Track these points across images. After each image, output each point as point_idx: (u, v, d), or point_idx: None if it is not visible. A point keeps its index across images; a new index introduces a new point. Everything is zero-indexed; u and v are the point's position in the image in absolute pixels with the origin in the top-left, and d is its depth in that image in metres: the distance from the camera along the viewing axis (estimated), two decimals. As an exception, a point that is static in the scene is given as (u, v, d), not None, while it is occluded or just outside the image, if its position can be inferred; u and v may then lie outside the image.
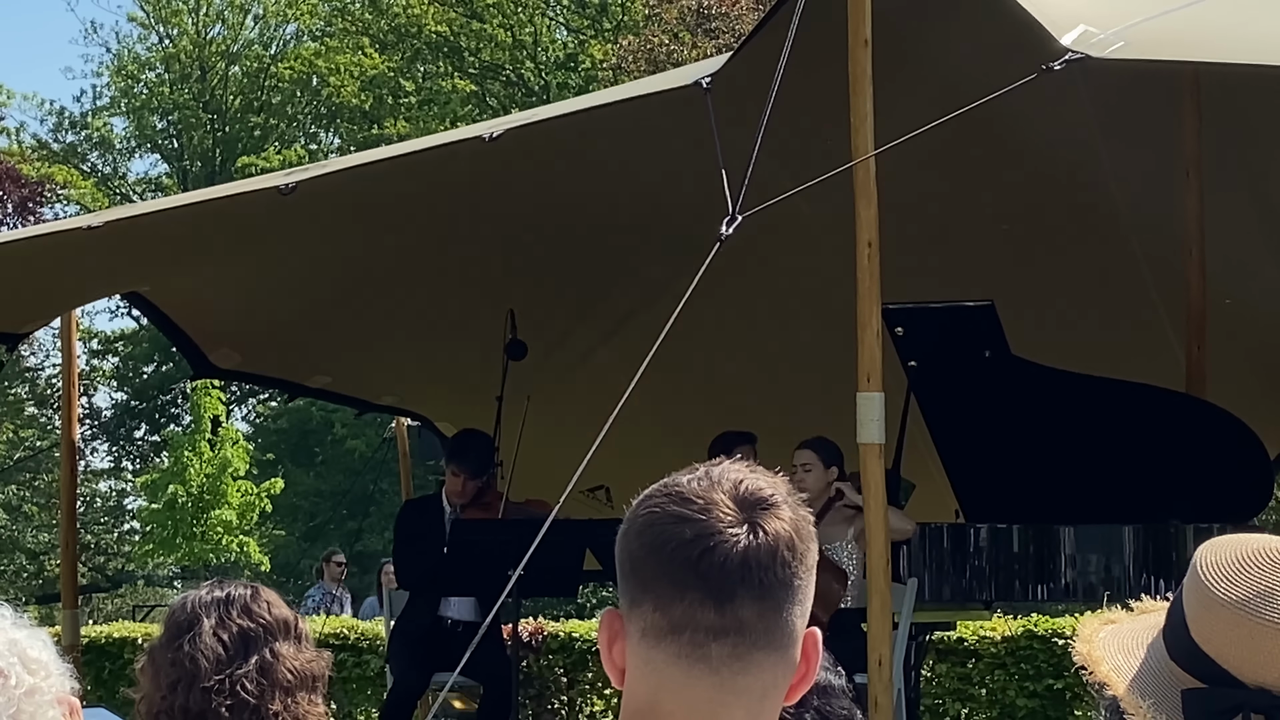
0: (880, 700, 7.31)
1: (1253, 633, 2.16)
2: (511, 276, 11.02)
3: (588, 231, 10.75)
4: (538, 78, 39.64)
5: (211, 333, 11.07)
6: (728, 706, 1.94)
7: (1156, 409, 9.59)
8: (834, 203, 8.12)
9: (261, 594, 3.26)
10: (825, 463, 9.33)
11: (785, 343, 11.92)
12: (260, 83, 45.29)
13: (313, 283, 10.66)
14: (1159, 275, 11.00)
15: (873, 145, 7.25)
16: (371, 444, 30.24)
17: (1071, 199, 10.86)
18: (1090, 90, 9.59)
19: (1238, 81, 8.77)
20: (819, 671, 2.95)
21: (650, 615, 1.94)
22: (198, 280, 10.44)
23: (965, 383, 9.68)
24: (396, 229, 10.14)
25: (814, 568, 2.00)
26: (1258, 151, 9.97)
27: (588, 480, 9.16)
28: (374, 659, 15.17)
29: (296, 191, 8.32)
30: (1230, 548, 2.24)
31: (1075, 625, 2.35)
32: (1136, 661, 2.30)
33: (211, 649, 3.15)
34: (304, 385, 12.41)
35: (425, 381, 12.23)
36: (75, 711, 3.14)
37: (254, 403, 43.97)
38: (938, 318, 9.62)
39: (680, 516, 1.95)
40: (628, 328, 11.34)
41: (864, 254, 7.29)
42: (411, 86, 41.36)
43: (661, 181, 10.17)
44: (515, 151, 8.70)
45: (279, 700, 3.14)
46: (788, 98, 7.29)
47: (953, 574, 9.48)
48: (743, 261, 9.67)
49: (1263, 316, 11.42)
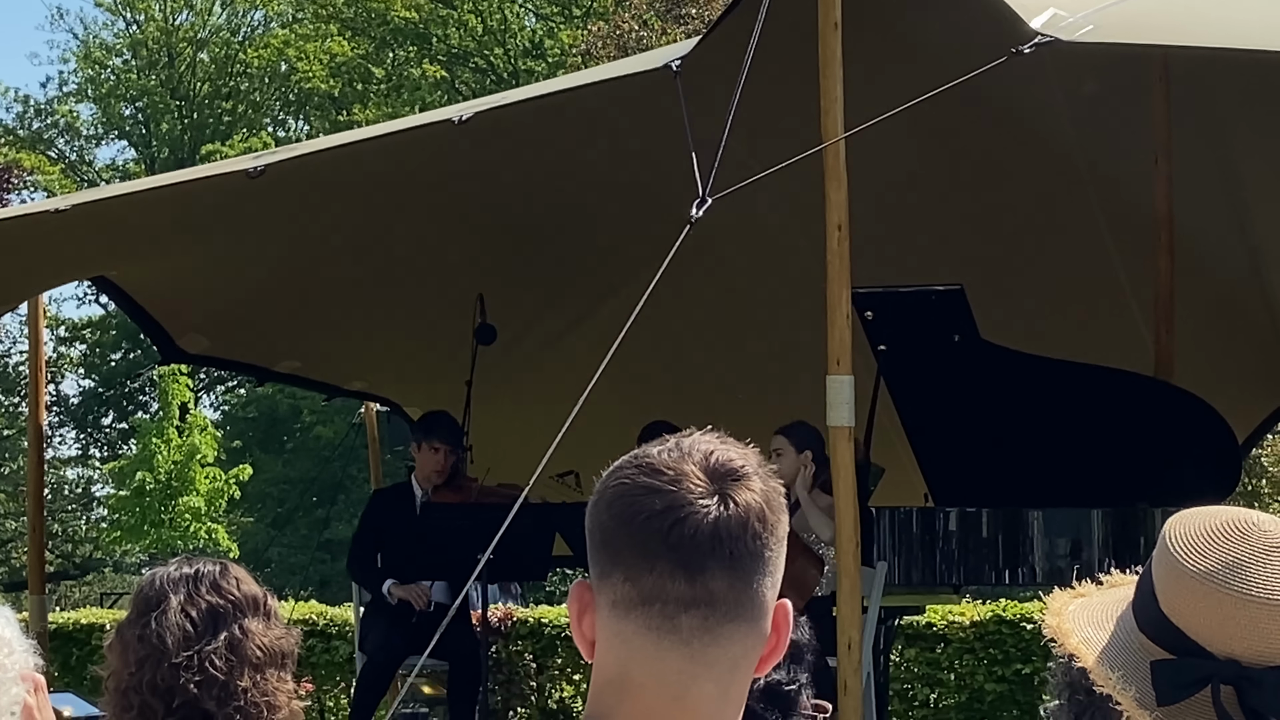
0: (849, 683, 7.32)
1: (1221, 604, 2.16)
2: (481, 261, 11.01)
3: (558, 215, 10.75)
4: (507, 64, 39.61)
5: (179, 317, 11.03)
6: (698, 678, 1.93)
7: (1125, 393, 9.61)
8: (804, 186, 8.13)
9: (230, 570, 3.24)
10: (797, 448, 9.32)
11: (755, 327, 11.92)
12: (228, 69, 45.14)
13: (281, 267, 10.63)
14: (1128, 260, 11.03)
15: (842, 128, 7.25)
16: (340, 431, 30.21)
17: (1041, 183, 10.89)
18: (1060, 74, 9.60)
19: (1207, 65, 8.79)
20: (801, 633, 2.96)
21: (620, 587, 1.94)
22: (166, 264, 10.40)
23: (934, 367, 9.68)
24: (366, 213, 10.11)
25: (785, 539, 1.99)
26: (1227, 135, 9.99)
27: (557, 465, 9.14)
28: (343, 645, 15.16)
29: (265, 175, 8.29)
30: (1199, 520, 2.24)
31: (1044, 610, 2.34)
32: (1106, 634, 2.30)
33: (180, 626, 3.13)
34: (272, 370, 12.37)
35: (394, 366, 12.21)
36: (40, 688, 3.12)
37: (222, 390, 43.86)
38: (907, 301, 9.63)
39: (650, 488, 1.94)
40: (598, 311, 11.34)
41: (834, 237, 7.30)
42: (381, 73, 41.29)
43: (632, 165, 10.17)
44: (485, 135, 8.69)
45: (248, 677, 3.13)
46: (758, 81, 7.30)
47: (922, 558, 9.48)
48: (712, 245, 9.67)
49: (1230, 301, 11.47)
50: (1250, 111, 9.45)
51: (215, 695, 3.11)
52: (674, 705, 1.93)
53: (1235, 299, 11.52)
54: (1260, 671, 2.15)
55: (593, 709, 1.97)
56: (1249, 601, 2.15)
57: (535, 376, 11.70)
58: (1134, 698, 2.20)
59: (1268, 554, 2.17)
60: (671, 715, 1.93)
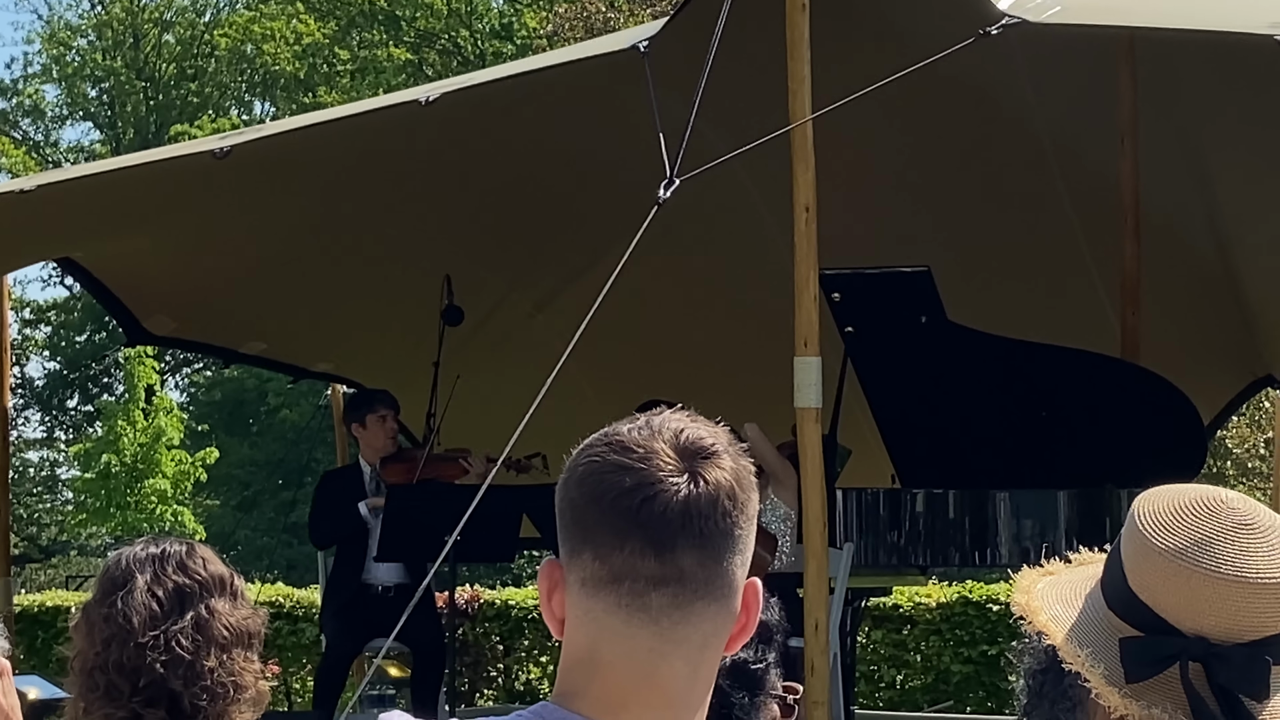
0: (816, 664, 7.33)
1: (1190, 580, 2.16)
2: (448, 242, 10.99)
3: (525, 196, 10.73)
4: (474, 46, 39.53)
5: (145, 298, 10.99)
6: (667, 656, 1.93)
7: (1091, 374, 9.64)
8: (771, 167, 8.13)
9: (197, 550, 3.22)
10: None
11: (723, 308, 11.92)
12: (194, 50, 44.98)
13: (248, 248, 10.60)
14: (1094, 241, 11.06)
15: (810, 109, 7.25)
16: (306, 414, 30.16)
17: (1008, 165, 10.90)
18: (1027, 56, 9.61)
19: (1172, 47, 8.81)
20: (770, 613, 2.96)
21: (590, 564, 1.93)
22: (132, 245, 10.36)
23: (901, 348, 9.69)
24: (332, 194, 10.09)
25: (755, 517, 1.99)
26: (1192, 117, 10.01)
27: (525, 447, 9.14)
28: (309, 627, 15.15)
29: (231, 156, 8.27)
30: (1167, 497, 2.25)
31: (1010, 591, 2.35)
32: (1074, 612, 2.30)
33: (146, 605, 3.12)
34: (239, 351, 12.36)
35: (361, 348, 12.19)
36: (4, 673, 3.11)
37: (188, 372, 43.75)
38: (874, 283, 9.64)
39: (620, 465, 1.93)
40: (565, 293, 11.33)
41: (801, 218, 7.30)
42: (347, 55, 41.16)
43: (599, 146, 10.16)
44: (452, 116, 8.67)
45: (214, 656, 3.11)
46: (725, 62, 7.29)
47: (888, 539, 9.51)
48: (680, 226, 9.66)
49: (1196, 282, 11.51)
50: (1215, 93, 9.47)
51: (182, 675, 3.10)
52: (644, 683, 1.93)
53: (1201, 280, 11.56)
54: (1228, 648, 2.16)
55: (562, 687, 1.97)
56: (1218, 579, 2.15)
57: (502, 358, 11.69)
58: (1102, 675, 2.20)
59: (1236, 531, 2.17)
60: (641, 693, 1.93)
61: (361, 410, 10.57)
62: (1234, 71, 8.78)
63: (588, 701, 1.93)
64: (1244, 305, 11.89)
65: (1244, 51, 7.93)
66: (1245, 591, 2.15)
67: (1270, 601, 2.15)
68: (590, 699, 1.94)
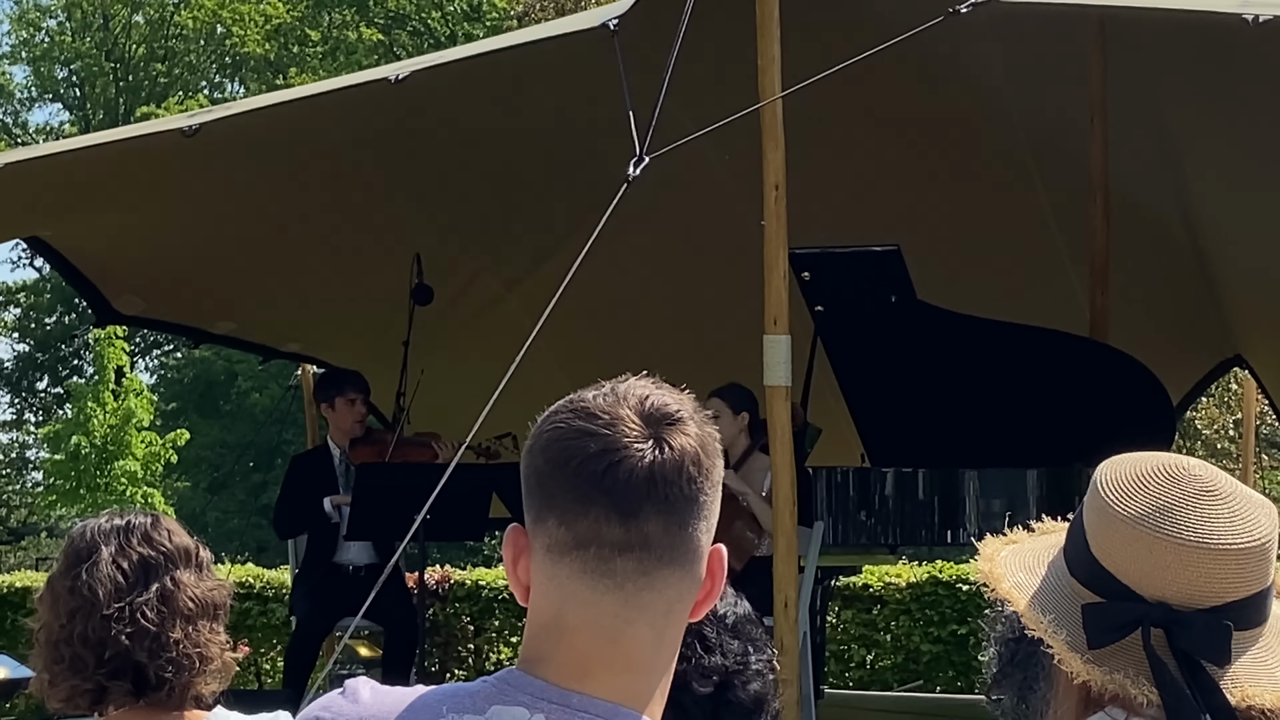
0: (786, 642, 7.33)
1: (1151, 547, 2.17)
2: (418, 220, 10.97)
3: (495, 175, 10.72)
4: (444, 27, 39.46)
5: (114, 278, 10.95)
6: (632, 622, 1.93)
7: (1061, 354, 9.66)
8: (742, 145, 8.12)
9: (162, 522, 3.22)
10: (734, 409, 9.31)
11: (693, 286, 11.92)
12: (163, 31, 44.82)
13: (217, 227, 10.56)
14: (1064, 221, 11.08)
15: (779, 88, 7.25)
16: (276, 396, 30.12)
17: (977, 145, 10.92)
18: (997, 36, 9.62)
19: (1142, 26, 8.82)
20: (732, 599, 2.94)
21: (555, 530, 1.93)
22: (101, 225, 10.32)
23: (871, 327, 9.71)
24: (302, 172, 10.06)
25: (720, 484, 1.99)
26: (1162, 97, 10.03)
27: (495, 427, 9.13)
28: (279, 607, 15.12)
29: (200, 134, 8.23)
30: (1129, 465, 2.26)
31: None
32: (1038, 579, 2.31)
33: (111, 577, 3.11)
34: (208, 331, 12.30)
35: (331, 327, 12.15)
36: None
37: (158, 354, 43.65)
38: (844, 262, 9.65)
39: (585, 431, 1.93)
40: (535, 272, 11.32)
41: (771, 197, 7.30)
42: (317, 36, 41.06)
43: (569, 124, 10.15)
44: (422, 94, 8.65)
45: (180, 628, 3.11)
46: (695, 40, 7.29)
47: (858, 518, 9.53)
48: (650, 204, 9.66)
49: (1165, 262, 11.54)
50: (1185, 73, 9.48)
51: (147, 647, 3.10)
52: (609, 648, 1.93)
53: (1170, 260, 11.59)
54: (1190, 614, 2.17)
55: (527, 653, 1.97)
56: (1179, 545, 2.16)
57: (472, 337, 11.68)
58: (1065, 641, 2.21)
59: (1198, 497, 2.19)
60: (606, 658, 1.93)
61: (330, 391, 10.56)
62: (1204, 51, 8.79)
63: (553, 667, 1.94)
64: (1213, 285, 11.93)
65: (1213, 31, 7.94)
66: (1206, 557, 2.16)
67: (1231, 567, 2.17)
68: (556, 665, 1.94)
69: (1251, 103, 9.09)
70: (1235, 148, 9.84)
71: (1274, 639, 2.24)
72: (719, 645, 2.84)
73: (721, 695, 2.84)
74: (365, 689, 2.00)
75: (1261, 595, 2.21)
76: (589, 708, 1.91)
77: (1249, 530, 2.18)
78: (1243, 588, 2.18)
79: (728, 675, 2.85)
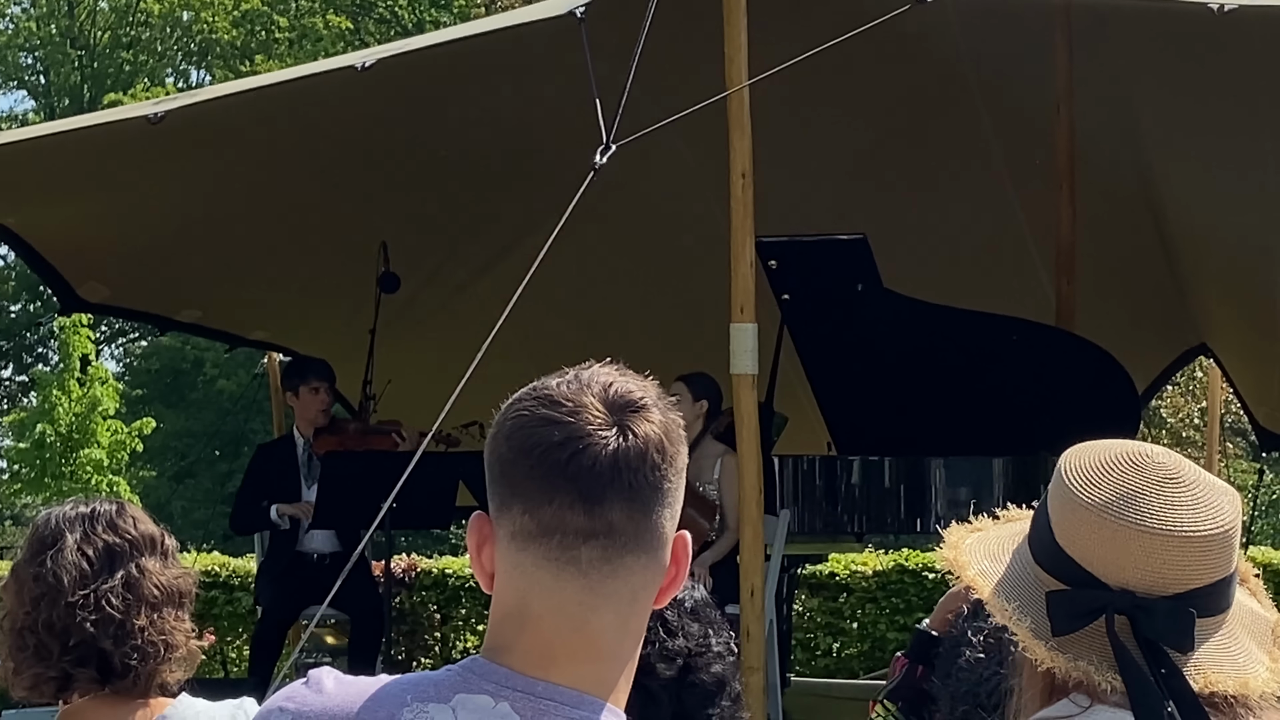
0: (752, 630, 7.35)
1: (1115, 534, 2.18)
2: (385, 208, 10.94)
3: (462, 162, 10.69)
4: (412, 14, 39.37)
5: (79, 266, 10.89)
6: (597, 609, 1.93)
7: (1027, 342, 9.69)
8: (708, 134, 8.12)
9: (127, 510, 3.22)
10: (694, 396, 9.30)
11: (660, 276, 11.92)
12: (129, 18, 44.61)
13: (183, 214, 10.51)
14: (1030, 210, 11.10)
15: (746, 76, 7.25)
16: (242, 384, 30.04)
17: (944, 133, 10.93)
18: (963, 24, 9.63)
19: (1108, 14, 8.83)
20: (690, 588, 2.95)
21: (519, 518, 1.93)
22: (65, 212, 10.27)
23: (838, 316, 9.72)
24: (268, 159, 10.03)
25: (684, 470, 1.99)
26: (1127, 85, 10.05)
27: (461, 416, 9.12)
28: (245, 596, 15.09)
29: (166, 121, 8.21)
30: (1094, 452, 2.26)
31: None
32: (1002, 566, 2.32)
33: (76, 564, 3.11)
34: (174, 319, 12.26)
35: (297, 315, 12.12)
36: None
37: (123, 342, 43.51)
38: (811, 251, 9.66)
39: (549, 419, 1.93)
40: (502, 260, 11.30)
41: (738, 185, 7.31)
42: (284, 23, 40.93)
43: (536, 111, 10.13)
44: (388, 82, 8.63)
45: (144, 615, 3.10)
46: (662, 28, 7.28)
47: (824, 506, 9.55)
48: (617, 193, 9.66)
49: (1131, 250, 11.57)
50: (1151, 61, 9.50)
51: (112, 634, 3.09)
52: (573, 636, 1.93)
53: (1136, 249, 11.62)
54: (1153, 601, 2.17)
55: (492, 641, 1.97)
56: (1143, 532, 2.17)
57: (439, 325, 11.66)
58: (1029, 629, 2.22)
59: (1162, 485, 2.19)
60: (571, 646, 1.93)
61: (294, 380, 10.55)
62: (1169, 39, 8.82)
63: (517, 655, 1.94)
64: (1178, 274, 11.96)
65: (1179, 19, 7.97)
66: (1169, 544, 2.17)
67: (1194, 554, 2.17)
68: (520, 652, 1.94)
69: (1216, 90, 9.11)
70: (1201, 135, 9.87)
71: (1236, 626, 2.25)
72: (681, 628, 2.86)
73: (684, 678, 2.85)
74: (329, 679, 1.99)
75: (1225, 582, 2.22)
76: (554, 695, 1.92)
77: (1213, 518, 2.19)
78: (1206, 575, 2.19)
79: (690, 657, 2.86)
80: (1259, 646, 2.26)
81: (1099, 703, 2.20)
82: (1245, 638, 2.25)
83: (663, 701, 2.78)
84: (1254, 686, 2.21)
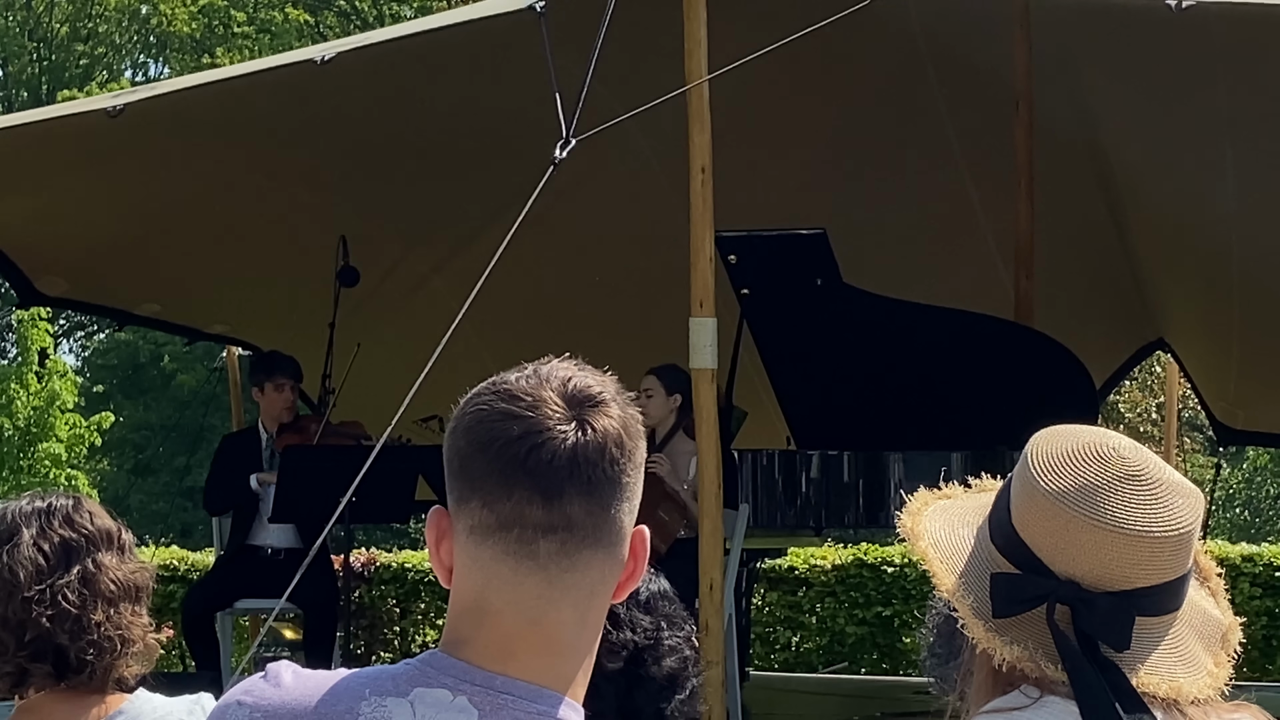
0: (711, 625, 7.35)
1: (1068, 524, 2.18)
2: (344, 202, 10.92)
3: (422, 157, 10.68)
4: (373, 8, 39.28)
5: (37, 259, 10.86)
6: (555, 604, 1.93)
7: (985, 337, 9.71)
8: (667, 128, 8.13)
9: (84, 504, 3.20)
10: (667, 389, 9.29)
11: (619, 269, 11.92)
12: (87, 10, 44.43)
13: (142, 208, 10.49)
14: (989, 205, 11.13)
15: (706, 70, 7.26)
16: (201, 378, 29.93)
17: (903, 129, 10.95)
18: (922, 21, 9.65)
19: (1067, 11, 8.86)
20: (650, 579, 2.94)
21: (478, 512, 1.93)
22: (23, 205, 10.23)
23: (797, 310, 9.73)
24: (227, 153, 10.00)
25: (642, 465, 1.99)
26: (1086, 82, 10.08)
27: (420, 410, 9.11)
28: (204, 591, 15.05)
29: (125, 114, 8.19)
30: (1062, 439, 2.26)
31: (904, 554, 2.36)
32: (959, 540, 2.32)
33: (32, 559, 3.09)
34: (132, 313, 12.23)
35: (256, 309, 12.09)
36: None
37: (82, 335, 43.34)
38: (770, 245, 9.68)
39: (508, 413, 1.93)
40: (462, 254, 11.29)
41: (697, 179, 7.31)
42: (243, 17, 40.79)
43: (495, 106, 10.12)
44: (348, 76, 8.62)
45: (101, 610, 3.09)
46: (622, 22, 7.28)
47: (783, 501, 9.56)
48: (577, 187, 9.66)
49: (1089, 245, 11.61)
50: (1109, 57, 9.54)
51: (68, 629, 3.08)
52: (531, 630, 1.93)
53: (1094, 244, 11.66)
54: (1097, 595, 2.17)
55: (450, 635, 1.97)
56: (1096, 526, 2.17)
57: (399, 319, 11.65)
58: (971, 606, 2.21)
59: (1123, 481, 2.19)
60: (529, 640, 1.93)
61: (260, 376, 10.54)
62: (1128, 35, 8.85)
63: (476, 649, 1.94)
64: (1136, 270, 12.01)
65: (1137, 16, 8.00)
66: (1120, 541, 2.16)
67: (1144, 553, 2.17)
68: (478, 646, 1.94)
69: (1176, 88, 9.15)
70: (1160, 132, 9.91)
71: (1184, 628, 2.25)
72: (629, 621, 2.83)
73: (633, 672, 2.83)
74: (287, 672, 1.99)
75: (1176, 583, 2.21)
76: (512, 689, 1.92)
77: (1169, 519, 2.18)
78: (1155, 575, 2.18)
79: (638, 651, 2.83)
80: (1205, 650, 2.25)
81: (1048, 694, 2.20)
82: (1192, 640, 2.24)
83: (607, 695, 2.74)
84: (1186, 692, 2.20)
